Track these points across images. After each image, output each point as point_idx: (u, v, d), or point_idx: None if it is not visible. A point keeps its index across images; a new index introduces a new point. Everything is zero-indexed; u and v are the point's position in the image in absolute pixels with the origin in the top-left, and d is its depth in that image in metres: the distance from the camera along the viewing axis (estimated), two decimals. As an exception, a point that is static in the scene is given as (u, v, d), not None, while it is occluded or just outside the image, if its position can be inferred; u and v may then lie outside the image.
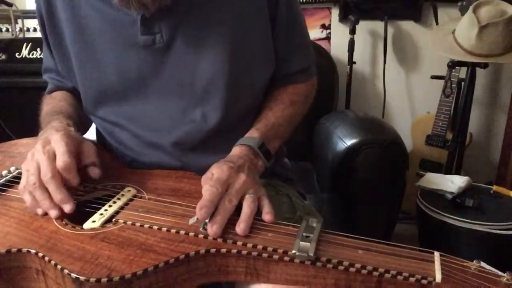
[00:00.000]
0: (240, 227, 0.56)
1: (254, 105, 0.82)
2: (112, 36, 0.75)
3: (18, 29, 1.63)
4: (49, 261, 0.53)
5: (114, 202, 0.64)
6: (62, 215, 0.61)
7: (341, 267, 0.51)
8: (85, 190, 0.69)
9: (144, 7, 0.68)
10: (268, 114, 0.81)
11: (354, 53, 1.77)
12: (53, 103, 0.84)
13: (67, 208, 0.61)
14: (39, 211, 0.62)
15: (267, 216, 0.58)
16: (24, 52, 1.62)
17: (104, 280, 0.50)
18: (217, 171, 0.62)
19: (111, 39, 0.75)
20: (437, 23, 1.77)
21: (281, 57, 0.83)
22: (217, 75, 0.75)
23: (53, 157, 0.62)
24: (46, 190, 0.61)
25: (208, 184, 0.59)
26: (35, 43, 1.61)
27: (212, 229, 0.55)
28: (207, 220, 0.56)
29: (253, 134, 0.76)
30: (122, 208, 0.63)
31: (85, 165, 0.67)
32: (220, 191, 0.58)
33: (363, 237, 0.54)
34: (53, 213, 0.61)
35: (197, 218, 0.57)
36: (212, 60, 0.74)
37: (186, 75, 0.75)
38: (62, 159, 0.61)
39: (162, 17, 0.72)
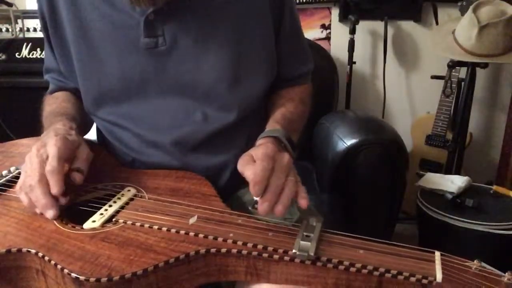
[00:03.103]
0: (279, 208, 0.55)
1: (255, 106, 0.82)
2: (114, 38, 0.75)
3: (18, 29, 1.63)
4: (49, 261, 0.53)
5: (114, 202, 0.64)
6: (59, 215, 0.61)
7: (341, 267, 0.51)
8: (86, 190, 0.69)
9: (152, 2, 0.68)
10: (282, 110, 0.81)
11: (354, 53, 1.77)
12: (55, 103, 0.84)
13: (50, 214, 0.60)
14: (38, 211, 0.62)
15: (302, 200, 0.58)
16: (24, 52, 1.62)
17: (104, 280, 0.50)
18: (261, 149, 0.60)
19: (114, 41, 0.75)
20: (437, 23, 1.77)
21: (287, 62, 0.84)
22: (218, 78, 0.75)
23: (45, 161, 0.62)
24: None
25: (258, 159, 0.58)
26: (35, 43, 1.61)
27: (263, 207, 0.55)
28: (256, 198, 0.56)
29: (275, 126, 0.75)
30: (122, 207, 0.63)
31: (70, 169, 0.66)
32: (271, 166, 0.57)
33: (363, 237, 0.54)
34: (48, 214, 0.60)
35: (197, 217, 0.57)
36: (214, 63, 0.75)
37: (187, 77, 0.75)
38: (50, 163, 0.61)
39: (165, 20, 0.72)
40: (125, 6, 0.72)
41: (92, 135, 0.90)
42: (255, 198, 0.56)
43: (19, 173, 0.67)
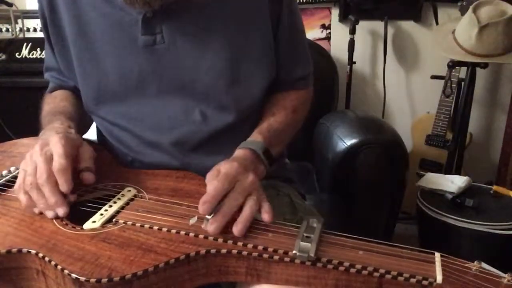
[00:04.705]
0: (238, 227, 0.55)
1: (254, 107, 0.81)
2: (113, 36, 0.75)
3: (18, 29, 1.63)
4: (49, 261, 0.53)
5: (115, 202, 0.64)
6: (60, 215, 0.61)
7: (341, 268, 0.51)
8: (86, 190, 0.69)
9: (147, 5, 0.68)
10: (270, 119, 0.80)
11: (354, 53, 1.77)
12: (54, 102, 0.84)
13: (60, 212, 0.60)
14: (36, 211, 0.62)
15: (265, 214, 0.57)
16: (24, 52, 1.62)
17: (104, 280, 0.50)
18: (225, 167, 0.60)
19: (112, 39, 0.75)
20: (437, 23, 1.77)
21: (284, 64, 0.83)
22: (217, 77, 0.75)
23: (50, 159, 0.61)
24: (42, 191, 0.61)
25: (215, 179, 0.58)
26: (35, 43, 1.61)
27: (211, 227, 0.55)
28: (209, 217, 0.56)
29: (257, 138, 0.75)
30: (122, 208, 0.63)
31: (79, 170, 0.66)
32: (226, 187, 0.57)
33: (363, 238, 0.54)
34: (50, 213, 0.61)
35: (197, 218, 0.57)
36: (213, 62, 0.74)
37: (186, 76, 0.75)
38: (58, 161, 0.61)
39: (163, 18, 0.72)
40: (123, 4, 0.72)
41: (92, 135, 0.90)
42: (207, 217, 0.56)
43: (19, 173, 0.66)
